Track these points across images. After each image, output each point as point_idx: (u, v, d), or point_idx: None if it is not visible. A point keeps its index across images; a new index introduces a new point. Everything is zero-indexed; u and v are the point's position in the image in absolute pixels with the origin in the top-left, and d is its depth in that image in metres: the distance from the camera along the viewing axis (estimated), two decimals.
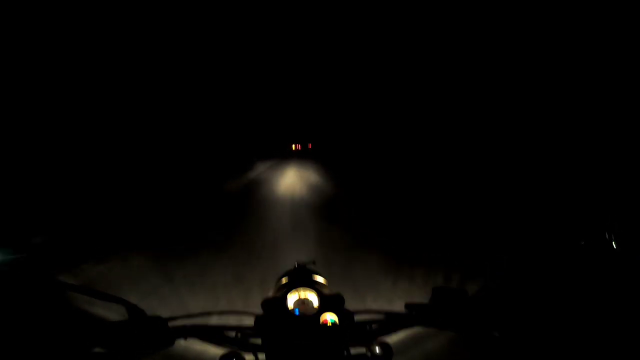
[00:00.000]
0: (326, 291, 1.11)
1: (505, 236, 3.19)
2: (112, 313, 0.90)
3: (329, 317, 1.02)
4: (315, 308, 1.04)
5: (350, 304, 1.08)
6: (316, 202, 4.77)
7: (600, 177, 3.02)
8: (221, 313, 1.07)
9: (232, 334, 0.99)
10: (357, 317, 1.06)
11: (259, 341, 1.00)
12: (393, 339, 1.06)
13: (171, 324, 0.95)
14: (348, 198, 4.55)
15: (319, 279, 1.21)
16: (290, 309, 1.03)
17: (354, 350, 1.02)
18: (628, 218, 0.81)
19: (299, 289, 1.08)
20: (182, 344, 0.95)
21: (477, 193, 3.80)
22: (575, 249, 0.87)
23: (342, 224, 4.12)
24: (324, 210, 4.49)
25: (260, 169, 5.07)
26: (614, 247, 0.80)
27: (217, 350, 0.96)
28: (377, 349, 0.97)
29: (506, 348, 1.02)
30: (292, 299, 1.06)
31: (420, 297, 1.11)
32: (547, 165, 3.57)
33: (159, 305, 2.65)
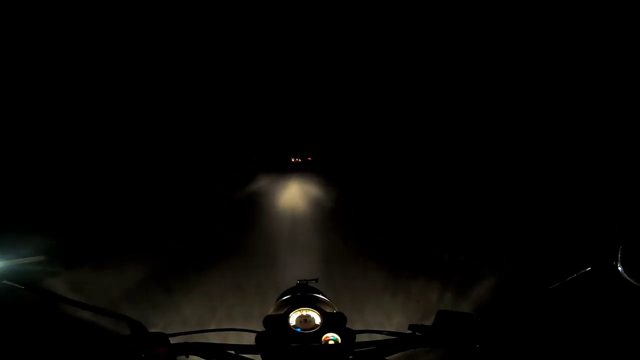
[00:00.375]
0: (328, 310, 1.10)
1: (511, 257, 3.17)
2: (115, 328, 0.89)
3: (331, 336, 1.01)
4: (318, 326, 1.03)
5: (352, 323, 1.07)
6: (318, 215, 4.76)
7: (607, 195, 3.01)
8: (222, 330, 1.06)
9: (233, 352, 0.98)
10: (359, 337, 1.05)
11: (259, 359, 0.99)
12: (395, 358, 1.05)
13: (172, 340, 0.94)
14: (350, 211, 4.54)
15: (321, 297, 1.21)
16: (292, 326, 1.03)
17: None
18: (633, 242, 0.81)
19: (301, 307, 1.07)
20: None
21: (480, 207, 3.79)
22: (582, 274, 0.86)
23: (344, 238, 4.10)
24: (326, 224, 4.48)
25: (261, 181, 5.08)
26: (620, 271, 0.80)
27: None
28: None
29: None
30: (294, 316, 1.05)
31: (418, 312, 1.10)
32: (549, 179, 3.57)
33: (158, 317, 2.62)
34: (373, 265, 3.56)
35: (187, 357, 0.94)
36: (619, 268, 0.82)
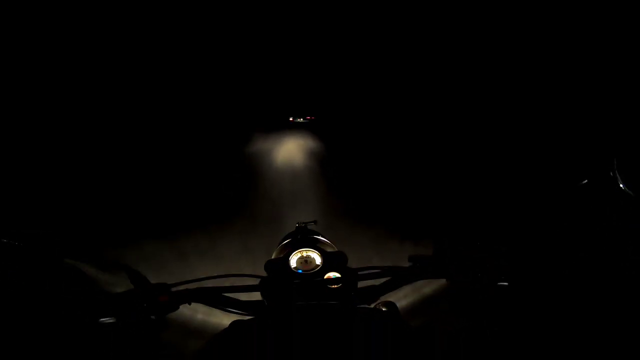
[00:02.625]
0: (328, 249, 1.12)
1: (507, 184, 3.17)
2: (116, 282, 0.90)
3: (333, 275, 1.03)
4: (319, 266, 1.04)
5: (353, 264, 1.08)
6: (318, 170, 4.75)
7: (601, 111, 2.96)
8: (224, 276, 1.07)
9: (237, 296, 1.01)
10: (361, 274, 1.06)
11: (264, 303, 1.01)
12: (399, 294, 1.07)
13: (175, 289, 0.96)
14: (350, 165, 4.51)
15: (321, 238, 1.22)
16: (293, 268, 1.04)
17: (360, 307, 1.03)
18: (631, 153, 0.78)
19: (301, 249, 1.08)
20: (187, 309, 0.96)
21: (478, 144, 3.75)
22: (579, 187, 0.85)
23: (344, 189, 4.11)
24: (326, 178, 4.48)
25: (259, 141, 5.05)
26: (619, 183, 0.78)
27: (222, 314, 0.98)
28: (383, 307, 0.98)
29: (514, 296, 1.02)
30: (294, 258, 1.06)
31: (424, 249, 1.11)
32: (547, 100, 3.50)
33: (168, 277, 2.70)
34: (376, 216, 3.61)
35: (189, 304, 0.96)
36: (618, 180, 0.80)
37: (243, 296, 1.01)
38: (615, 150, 0.77)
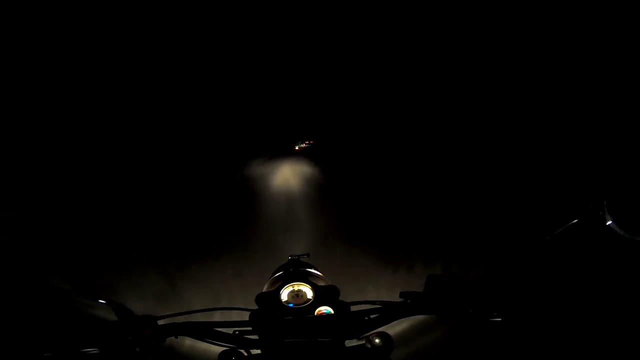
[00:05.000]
0: (321, 283, 1.10)
1: (500, 221, 3.19)
2: (102, 314, 0.88)
3: (324, 309, 1.01)
4: (310, 300, 1.03)
5: (346, 296, 1.07)
6: (312, 195, 4.75)
7: (593, 153, 3.02)
8: (214, 310, 1.05)
9: (227, 330, 0.98)
10: (353, 308, 1.05)
11: (254, 336, 0.99)
12: (391, 329, 1.06)
13: (162, 322, 0.94)
14: (343, 190, 4.52)
15: (313, 271, 1.20)
16: (284, 302, 1.02)
17: (351, 342, 1.01)
18: (621, 193, 0.80)
19: (293, 282, 1.07)
20: (175, 342, 0.94)
21: (472, 183, 3.79)
22: (569, 227, 0.86)
23: (337, 216, 4.11)
24: (320, 203, 4.48)
25: (255, 165, 5.07)
26: (608, 223, 0.79)
27: (213, 348, 0.95)
28: (377, 340, 0.96)
29: (506, 331, 1.01)
30: (286, 292, 1.05)
31: (417, 286, 1.10)
32: (540, 140, 3.56)
33: (156, 306, 2.64)
34: (370, 242, 3.59)
35: (176, 337, 0.93)
36: (607, 220, 0.81)
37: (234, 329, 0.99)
38: (605, 191, 0.78)
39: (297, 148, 5.92)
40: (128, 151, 4.09)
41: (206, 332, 0.95)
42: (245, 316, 1.01)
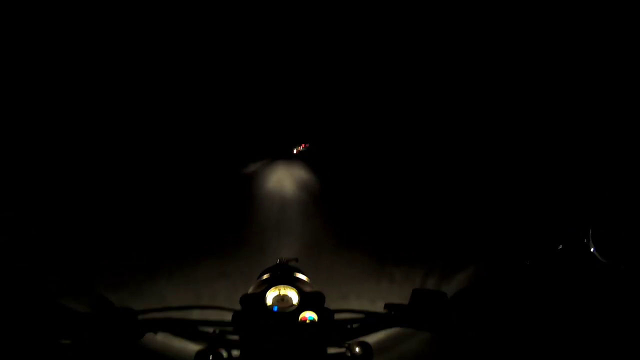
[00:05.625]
0: (307, 289, 1.10)
1: (485, 239, 3.23)
2: (80, 305, 0.87)
3: (308, 315, 1.01)
4: (295, 305, 1.03)
5: (331, 303, 1.07)
6: (304, 200, 4.76)
7: (579, 180, 3.07)
8: (196, 307, 1.05)
9: (208, 329, 0.98)
10: (337, 316, 1.05)
11: (236, 337, 0.98)
12: (373, 338, 1.06)
13: (142, 317, 0.93)
14: (335, 197, 4.54)
15: (301, 276, 1.20)
16: (269, 305, 1.02)
17: (333, 350, 1.01)
18: (605, 222, 0.82)
19: (279, 285, 1.07)
20: (155, 338, 0.93)
21: (459, 194, 3.83)
22: (554, 252, 0.88)
23: (328, 223, 4.12)
24: (311, 209, 4.49)
25: (249, 167, 5.03)
26: (592, 250, 0.81)
27: (192, 346, 0.95)
28: (357, 349, 0.96)
29: (482, 348, 1.02)
30: (271, 295, 1.05)
31: (401, 298, 1.11)
32: (527, 167, 3.62)
33: (137, 300, 2.61)
34: (357, 250, 3.60)
35: (155, 333, 0.93)
36: (591, 247, 0.83)
37: (216, 328, 0.98)
38: (590, 220, 0.81)
39: (294, 151, 5.92)
40: (124, 151, 4.08)
41: (187, 329, 0.95)
42: (226, 316, 1.00)
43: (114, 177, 3.83)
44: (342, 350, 1.00)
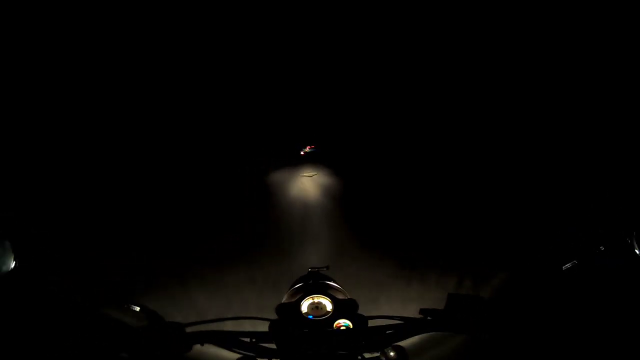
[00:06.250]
0: (340, 296, 1.12)
1: (520, 242, 3.14)
2: (132, 319, 0.91)
3: (343, 322, 1.02)
4: (329, 313, 1.04)
5: (364, 310, 1.08)
6: (329, 207, 4.76)
7: (620, 181, 2.94)
8: (236, 319, 1.08)
9: (247, 339, 1.01)
10: (371, 323, 1.06)
11: (273, 346, 1.01)
12: (407, 342, 1.06)
13: (188, 329, 0.97)
14: (361, 203, 4.51)
15: (333, 284, 1.22)
16: (304, 313, 1.04)
17: (368, 355, 1.02)
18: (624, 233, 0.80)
19: (312, 295, 1.09)
20: (198, 349, 0.97)
21: (491, 198, 3.73)
22: (596, 254, 0.85)
23: (354, 228, 4.09)
24: (338, 215, 4.48)
25: (272, 174, 5.11)
26: (636, 251, 0.78)
27: (232, 356, 0.98)
28: (392, 353, 0.97)
29: (517, 352, 1.00)
30: (306, 304, 1.07)
31: (434, 301, 1.10)
32: (563, 168, 3.49)
33: (174, 310, 2.68)
34: (384, 255, 3.57)
35: (202, 345, 0.96)
36: (635, 248, 0.81)
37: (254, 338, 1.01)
38: (633, 220, 0.78)
39: (302, 153, 5.91)
40: (138, 152, 4.12)
41: (230, 340, 0.98)
42: (260, 326, 1.03)
43: (135, 179, 3.88)
44: (377, 355, 1.01)
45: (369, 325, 1.06)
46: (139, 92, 4.18)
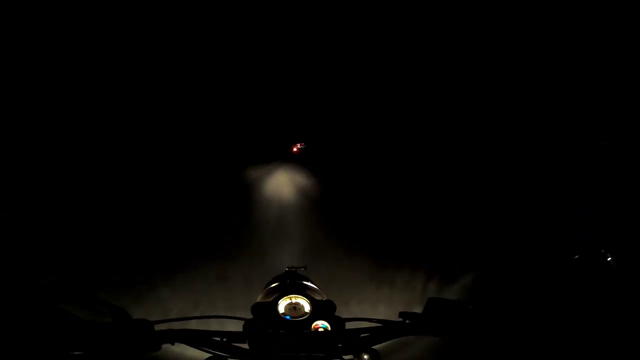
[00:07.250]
0: (318, 297, 1.10)
1: (498, 246, 3.22)
2: (97, 316, 0.86)
3: (321, 324, 1.00)
4: (307, 314, 1.02)
5: (342, 312, 1.07)
6: (306, 206, 4.73)
7: (597, 190, 3.07)
8: (208, 317, 1.04)
9: (219, 339, 0.97)
10: (348, 325, 1.04)
11: (247, 346, 0.97)
12: (381, 345, 1.06)
13: (157, 327, 0.92)
14: (339, 202, 4.51)
15: (310, 285, 1.20)
16: (281, 314, 1.02)
17: (346, 358, 1.00)
18: (625, 233, 0.82)
19: (290, 294, 1.06)
20: (168, 348, 0.92)
21: (471, 200, 3.82)
22: (570, 262, 0.87)
23: (333, 228, 4.08)
24: (315, 214, 4.46)
25: (249, 169, 5.03)
26: (610, 261, 0.81)
27: (204, 355, 0.94)
28: (365, 357, 0.96)
29: (494, 355, 1.02)
30: (283, 304, 1.04)
31: (411, 303, 1.11)
32: (542, 175, 3.62)
33: (141, 308, 2.57)
34: (359, 256, 3.57)
35: (172, 344, 0.92)
36: (608, 257, 0.83)
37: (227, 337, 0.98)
38: (607, 229, 0.80)
39: (294, 150, 5.89)
40: (124, 152, 4.05)
41: (201, 339, 0.94)
42: (232, 325, 1.00)
43: (112, 178, 3.77)
44: (352, 358, 0.99)
45: (346, 328, 1.04)
46: (136, 93, 4.12)
